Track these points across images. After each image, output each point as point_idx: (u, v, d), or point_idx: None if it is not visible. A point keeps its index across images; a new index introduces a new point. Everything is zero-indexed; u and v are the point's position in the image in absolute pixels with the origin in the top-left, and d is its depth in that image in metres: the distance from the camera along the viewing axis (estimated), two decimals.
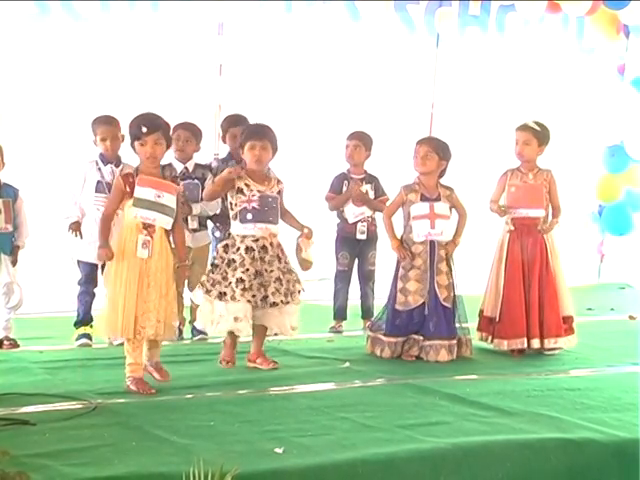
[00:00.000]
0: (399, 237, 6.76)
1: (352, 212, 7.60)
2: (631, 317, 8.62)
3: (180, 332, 7.21)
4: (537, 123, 6.97)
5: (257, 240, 6.13)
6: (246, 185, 6.13)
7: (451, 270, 6.71)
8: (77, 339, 6.81)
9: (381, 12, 9.14)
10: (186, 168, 7.17)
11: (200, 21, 8.61)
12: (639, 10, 9.59)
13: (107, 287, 5.80)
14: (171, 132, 7.08)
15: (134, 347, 5.63)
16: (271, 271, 6.14)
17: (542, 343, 6.83)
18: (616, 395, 5.68)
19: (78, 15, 8.00)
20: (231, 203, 6.18)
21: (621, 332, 7.90)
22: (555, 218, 6.99)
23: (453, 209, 6.81)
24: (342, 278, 7.73)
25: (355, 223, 7.60)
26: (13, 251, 6.74)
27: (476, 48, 9.71)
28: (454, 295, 6.69)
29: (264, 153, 6.16)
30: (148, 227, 5.62)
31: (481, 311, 7.02)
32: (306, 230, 6.30)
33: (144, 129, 5.67)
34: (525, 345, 6.82)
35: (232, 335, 6.20)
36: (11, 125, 7.76)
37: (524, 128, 6.96)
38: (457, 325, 6.69)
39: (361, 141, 7.62)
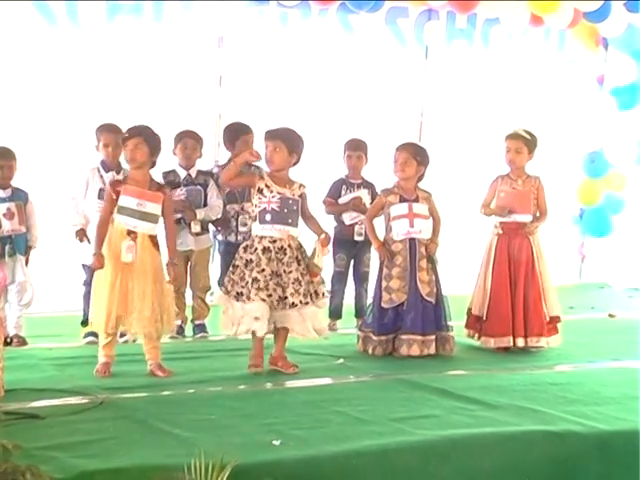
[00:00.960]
0: (381, 239, 6.76)
1: (349, 215, 7.60)
2: (610, 315, 8.63)
3: (182, 330, 7.21)
4: (526, 131, 6.97)
5: (275, 241, 5.96)
6: (267, 186, 5.98)
7: (434, 267, 6.67)
8: (84, 337, 6.80)
9: (373, 25, 9.16)
10: (189, 175, 7.17)
11: (201, 34, 8.61)
12: (617, 23, 9.60)
13: (94, 287, 5.89)
14: (176, 140, 7.15)
15: (111, 341, 5.85)
16: (289, 272, 5.94)
17: (526, 342, 6.83)
18: (596, 389, 5.69)
19: (83, 26, 8.00)
20: (253, 204, 6.07)
21: (601, 330, 7.92)
22: (538, 222, 6.99)
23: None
24: (339, 279, 7.72)
25: (352, 225, 7.59)
26: (26, 251, 6.77)
27: (463, 59, 9.70)
28: (437, 291, 6.65)
29: (276, 154, 5.99)
30: (131, 233, 5.76)
31: (469, 310, 7.02)
32: (323, 236, 6.09)
33: (126, 134, 5.87)
34: (511, 343, 6.81)
35: (256, 338, 6.00)
36: (18, 131, 7.75)
37: (515, 137, 6.95)
38: (443, 322, 6.65)
39: (363, 152, 7.65)
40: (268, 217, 5.95)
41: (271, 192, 5.98)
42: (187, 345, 6.88)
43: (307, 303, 5.97)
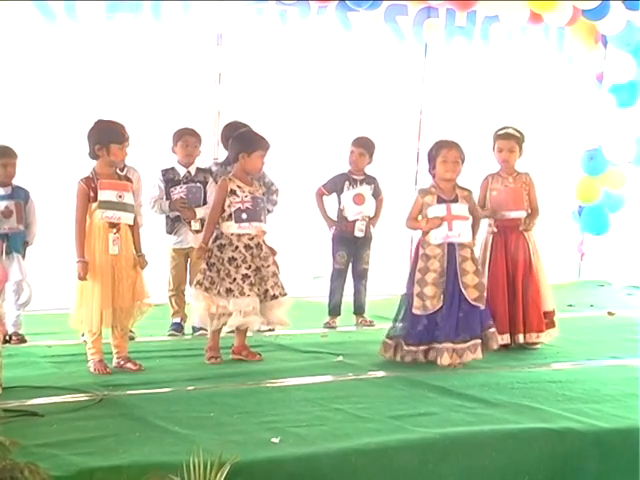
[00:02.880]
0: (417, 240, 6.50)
1: (352, 211, 7.58)
2: (609, 313, 8.63)
3: (181, 328, 7.21)
4: (515, 130, 7.00)
5: (252, 238, 6.18)
6: (238, 187, 6.18)
7: (478, 269, 6.35)
8: (82, 334, 6.79)
9: (372, 23, 9.15)
10: (189, 172, 7.17)
11: (200, 32, 8.60)
12: (616, 21, 9.60)
13: (79, 285, 5.85)
14: (176, 138, 7.15)
15: (100, 336, 5.90)
16: (267, 266, 6.22)
17: (525, 338, 6.83)
18: (595, 387, 5.69)
19: (82, 24, 7.99)
20: (223, 205, 6.17)
21: (600, 327, 7.92)
22: (534, 219, 6.98)
23: None
24: (338, 276, 7.71)
25: (354, 221, 7.57)
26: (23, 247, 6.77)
27: (462, 57, 9.70)
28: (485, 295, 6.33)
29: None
30: (114, 225, 5.82)
31: None
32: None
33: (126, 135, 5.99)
34: (509, 340, 6.80)
35: (215, 332, 6.23)
36: (17, 128, 7.74)
37: (507, 137, 6.95)
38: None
39: (366, 149, 7.61)
40: (244, 216, 6.15)
41: (243, 192, 6.18)
42: (186, 343, 6.88)
43: (285, 294, 6.27)
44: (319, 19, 8.98)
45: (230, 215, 6.16)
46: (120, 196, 5.86)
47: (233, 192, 6.16)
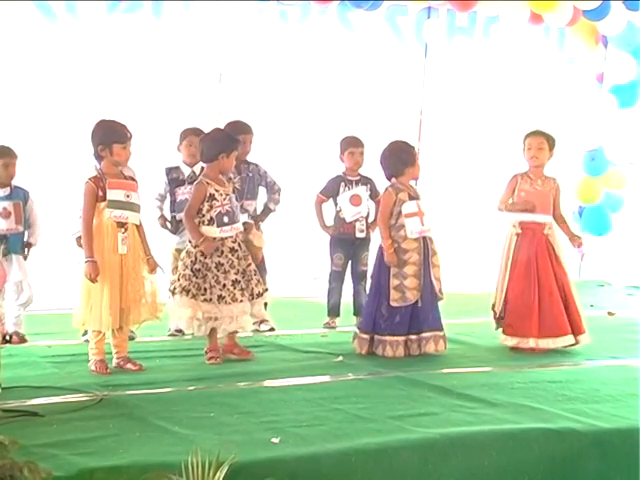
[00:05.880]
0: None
1: (350, 212, 7.55)
2: (610, 313, 8.62)
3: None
4: (542, 130, 6.96)
5: (235, 241, 6.18)
6: (216, 190, 6.11)
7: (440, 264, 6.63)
8: (83, 334, 6.79)
9: (372, 23, 9.16)
10: (193, 172, 7.15)
11: (201, 31, 8.61)
12: (616, 21, 9.60)
13: (85, 283, 5.82)
14: (181, 137, 7.15)
15: (104, 337, 5.88)
16: (249, 265, 6.23)
17: (576, 340, 6.76)
18: (595, 387, 5.68)
19: (83, 23, 8.00)
20: (201, 209, 6.09)
21: (600, 327, 7.88)
22: (568, 225, 7.06)
23: None
24: (336, 277, 7.69)
25: (353, 222, 7.55)
26: (25, 248, 6.77)
27: (463, 57, 9.70)
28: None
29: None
30: (122, 225, 5.81)
31: (493, 306, 6.96)
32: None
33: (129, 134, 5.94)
34: (531, 345, 6.68)
35: (214, 334, 6.23)
36: (17, 128, 7.74)
37: (537, 134, 6.91)
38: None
39: (364, 147, 7.60)
40: (226, 219, 6.12)
41: (221, 195, 6.13)
42: (187, 343, 6.87)
43: (267, 289, 6.34)
44: (320, 19, 8.99)
45: (211, 219, 6.08)
46: (128, 196, 5.84)
47: (212, 196, 6.07)
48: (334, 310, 7.73)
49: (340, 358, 6.40)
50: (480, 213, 7.84)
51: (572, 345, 6.77)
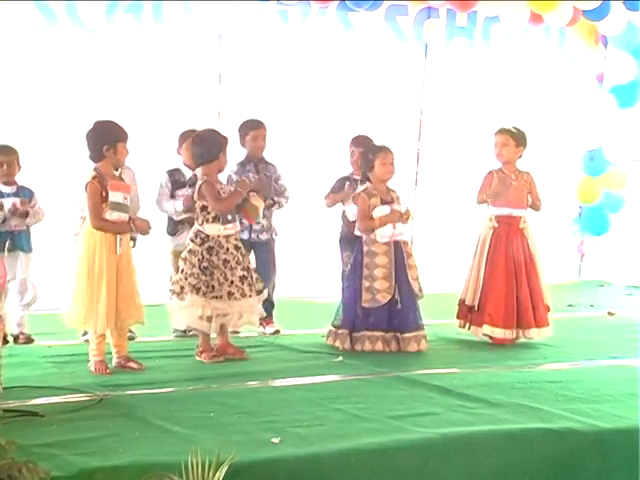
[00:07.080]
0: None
1: (352, 211, 7.55)
2: (610, 313, 8.62)
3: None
4: (514, 127, 7.07)
5: (237, 238, 6.26)
6: (221, 188, 6.21)
7: (416, 264, 6.72)
8: (83, 334, 6.78)
9: (372, 23, 9.15)
10: (195, 175, 7.13)
11: (200, 32, 8.60)
12: (616, 22, 9.60)
13: (81, 284, 5.82)
14: (181, 139, 7.13)
15: (101, 339, 5.88)
16: (249, 261, 6.35)
17: (538, 333, 6.94)
18: (595, 387, 5.69)
19: (83, 24, 8.00)
20: (206, 207, 6.13)
21: (600, 327, 7.91)
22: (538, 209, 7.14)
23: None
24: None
25: (355, 222, 7.54)
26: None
27: (463, 57, 9.70)
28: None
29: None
30: None
31: (461, 300, 7.06)
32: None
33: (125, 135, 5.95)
34: (514, 335, 6.89)
35: (205, 334, 6.26)
36: (19, 129, 7.74)
37: (501, 131, 7.06)
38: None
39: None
40: (229, 216, 6.18)
41: (224, 193, 6.20)
42: (186, 343, 6.85)
43: (265, 287, 6.43)
44: (320, 19, 8.98)
45: (216, 217, 6.14)
46: (125, 198, 5.86)
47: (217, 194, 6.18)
48: None
49: (340, 358, 6.40)
50: (480, 213, 7.79)
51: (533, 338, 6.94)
